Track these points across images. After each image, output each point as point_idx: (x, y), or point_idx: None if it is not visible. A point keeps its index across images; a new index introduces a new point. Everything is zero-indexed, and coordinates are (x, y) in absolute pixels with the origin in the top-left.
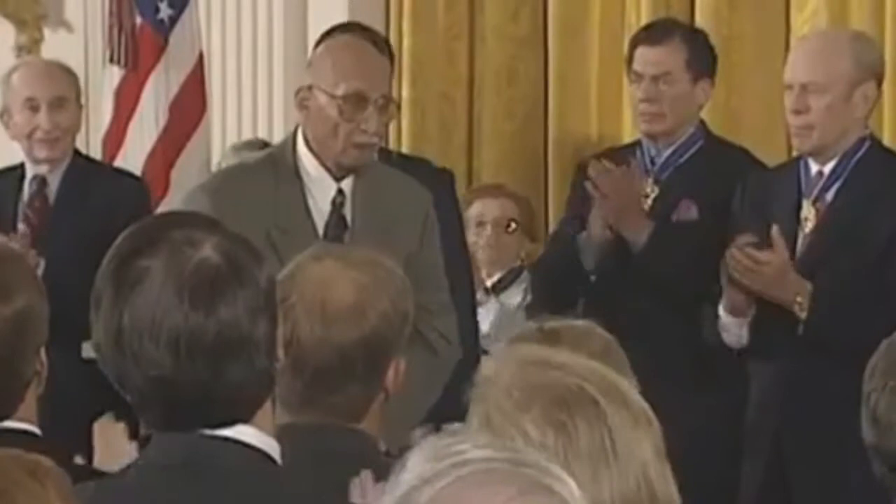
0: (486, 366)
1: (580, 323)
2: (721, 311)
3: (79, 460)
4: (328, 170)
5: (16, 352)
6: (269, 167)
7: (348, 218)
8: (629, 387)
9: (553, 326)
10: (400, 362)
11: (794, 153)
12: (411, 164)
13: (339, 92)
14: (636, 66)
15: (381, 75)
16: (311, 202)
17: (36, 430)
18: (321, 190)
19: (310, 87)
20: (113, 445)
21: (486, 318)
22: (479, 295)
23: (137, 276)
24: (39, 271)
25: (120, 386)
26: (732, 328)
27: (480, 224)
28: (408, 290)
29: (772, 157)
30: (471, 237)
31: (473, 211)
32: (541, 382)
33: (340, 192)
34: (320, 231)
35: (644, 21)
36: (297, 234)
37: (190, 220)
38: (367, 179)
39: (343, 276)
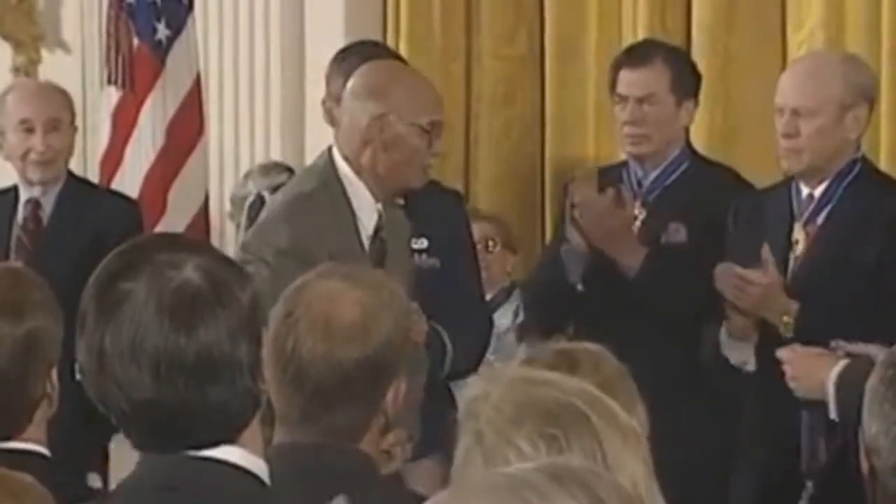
0: (475, 385)
1: (592, 347)
2: (723, 334)
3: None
4: (372, 193)
5: (25, 371)
6: (324, 193)
7: (386, 240)
8: (615, 403)
9: (569, 349)
10: (400, 385)
11: (786, 174)
12: None
13: (425, 121)
14: (620, 88)
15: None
16: (360, 226)
17: (45, 451)
18: (367, 213)
19: (382, 116)
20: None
21: None
22: None
23: (119, 299)
24: None
25: (103, 407)
26: (737, 352)
27: None
28: (411, 312)
29: (768, 177)
30: None
31: None
32: (531, 399)
33: (380, 215)
34: (367, 253)
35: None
36: (350, 258)
37: (174, 242)
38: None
39: (349, 295)
